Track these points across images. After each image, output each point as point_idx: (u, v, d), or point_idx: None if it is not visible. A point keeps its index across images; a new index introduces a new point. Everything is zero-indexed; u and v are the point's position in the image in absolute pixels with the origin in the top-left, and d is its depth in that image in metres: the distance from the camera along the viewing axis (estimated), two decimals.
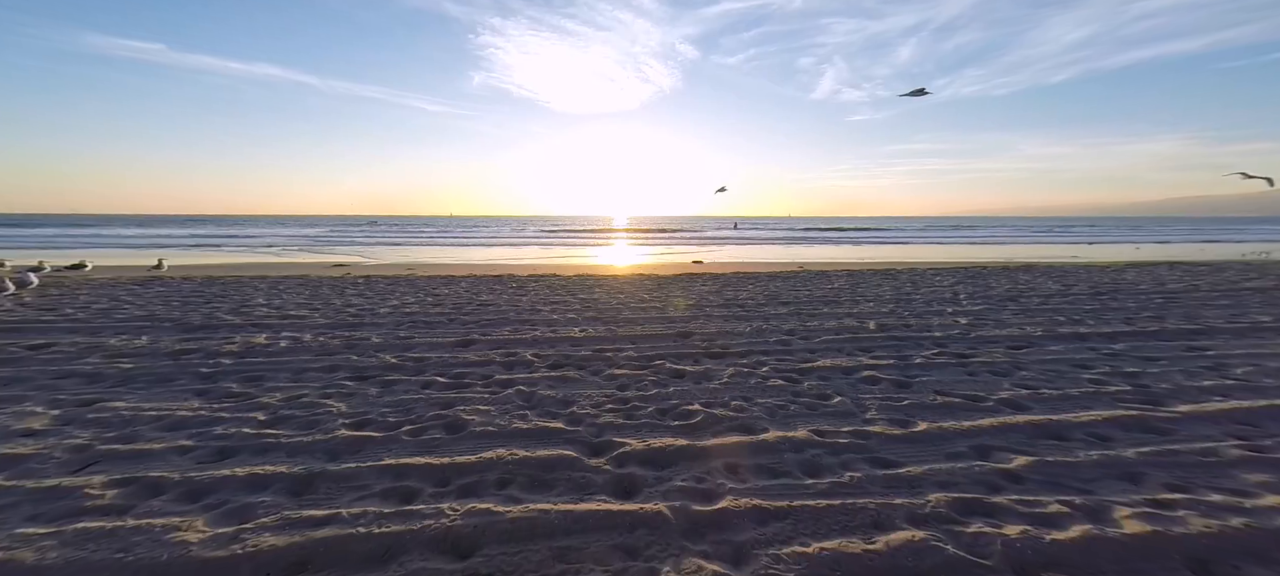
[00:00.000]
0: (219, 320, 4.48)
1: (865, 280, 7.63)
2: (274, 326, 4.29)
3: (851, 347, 3.83)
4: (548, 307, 5.25)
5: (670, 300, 5.81)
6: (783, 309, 5.31)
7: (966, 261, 12.04)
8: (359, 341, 3.86)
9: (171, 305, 5.16)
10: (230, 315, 4.69)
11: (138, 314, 4.70)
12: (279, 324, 4.38)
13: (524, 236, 31.34)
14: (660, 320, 4.75)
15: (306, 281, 7.07)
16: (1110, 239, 28.45)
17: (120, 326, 4.19)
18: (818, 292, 6.39)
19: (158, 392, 2.75)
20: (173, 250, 17.28)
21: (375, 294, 6.04)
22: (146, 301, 5.32)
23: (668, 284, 7.20)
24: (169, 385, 2.87)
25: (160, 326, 4.22)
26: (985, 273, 8.80)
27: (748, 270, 10.28)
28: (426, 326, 4.42)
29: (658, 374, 3.24)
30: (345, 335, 4.03)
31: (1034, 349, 3.79)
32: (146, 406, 2.52)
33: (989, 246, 22.32)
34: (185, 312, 4.77)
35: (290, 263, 13.22)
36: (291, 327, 4.27)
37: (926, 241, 27.08)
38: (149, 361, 3.26)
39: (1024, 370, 3.29)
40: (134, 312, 4.74)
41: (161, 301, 5.36)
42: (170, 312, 4.78)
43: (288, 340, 3.83)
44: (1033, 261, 11.91)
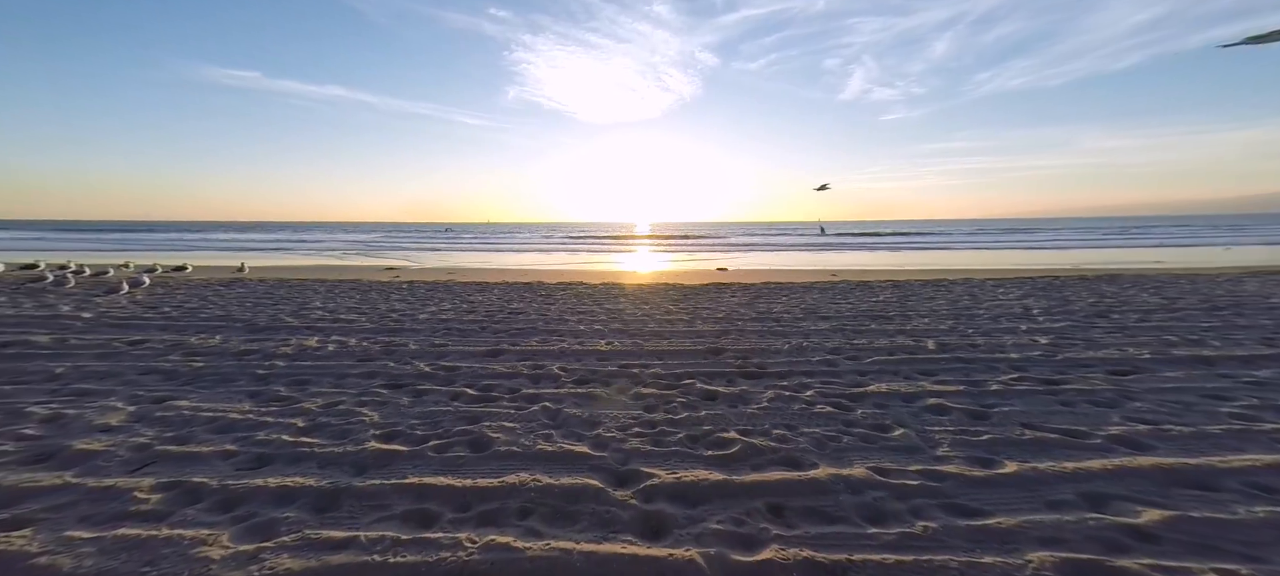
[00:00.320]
0: (280, 322, 4.84)
1: (914, 292, 6.92)
2: (325, 330, 4.55)
3: (909, 370, 3.39)
4: (574, 317, 5.19)
5: (698, 312, 5.55)
6: (823, 324, 4.88)
7: (1030, 269, 10.65)
8: (397, 347, 3.98)
9: (245, 306, 5.68)
10: (290, 317, 5.06)
11: (217, 314, 5.20)
12: (330, 327, 4.64)
13: (552, 242, 32.15)
14: (689, 334, 4.51)
15: (358, 286, 7.56)
16: (1204, 241, 24.16)
17: (201, 325, 4.64)
18: (862, 306, 5.85)
19: (219, 393, 2.94)
20: (255, 253, 19.50)
21: (416, 299, 6.31)
22: (226, 302, 5.89)
23: (695, 294, 6.93)
24: (229, 386, 3.07)
25: (232, 326, 4.63)
26: (1058, 283, 7.70)
27: (778, 279, 10.03)
28: (460, 334, 4.49)
29: (688, 394, 3.03)
30: (385, 341, 4.18)
31: (1144, 375, 3.16)
32: (205, 407, 2.69)
33: (1050, 252, 19.77)
34: (254, 314, 5.21)
35: (348, 265, 14.77)
36: (340, 332, 4.51)
37: (975, 246, 24.58)
38: (216, 361, 3.53)
39: (1136, 400, 2.73)
40: (214, 312, 5.25)
41: (237, 302, 5.92)
42: (243, 313, 5.25)
43: (335, 344, 4.03)
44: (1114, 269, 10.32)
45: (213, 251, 20.45)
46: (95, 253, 17.71)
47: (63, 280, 6.89)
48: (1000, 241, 28.39)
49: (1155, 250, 19.03)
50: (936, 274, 9.92)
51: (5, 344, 3.81)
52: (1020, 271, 10.24)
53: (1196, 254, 16.38)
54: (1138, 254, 17.50)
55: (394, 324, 4.82)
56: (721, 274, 11.75)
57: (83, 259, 11.87)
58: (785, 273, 12.52)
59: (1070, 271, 9.65)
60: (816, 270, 13.66)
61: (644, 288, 7.64)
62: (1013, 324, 4.72)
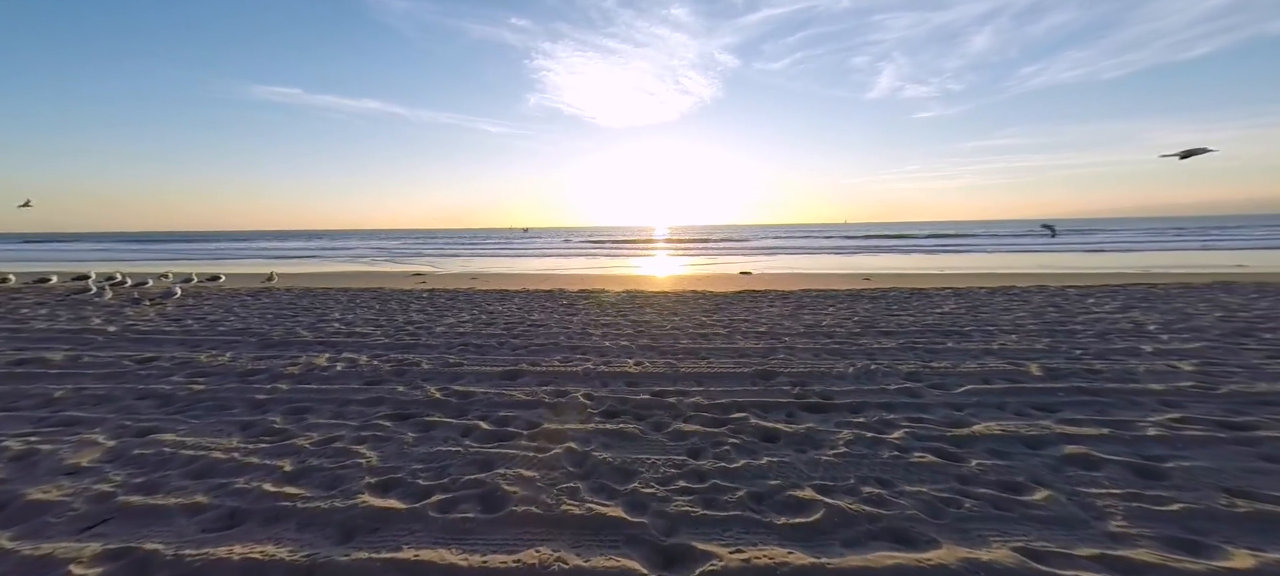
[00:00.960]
0: (295, 336, 4.63)
1: (982, 301, 6.08)
2: (338, 345, 4.29)
3: (1019, 404, 2.73)
4: (598, 331, 4.73)
5: (735, 325, 4.98)
6: (888, 341, 4.21)
7: (1102, 274, 9.38)
8: (409, 366, 3.64)
9: (265, 318, 5.56)
10: (306, 331, 4.85)
11: (236, 326, 5.07)
12: (343, 342, 4.38)
13: (573, 247, 32.12)
14: (730, 353, 3.97)
15: (380, 295, 7.42)
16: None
17: (217, 340, 4.48)
18: (926, 319, 5.11)
19: (209, 423, 2.64)
20: (292, 261, 20.34)
21: (435, 310, 6.04)
22: (248, 314, 5.81)
23: (728, 304, 6.35)
24: (222, 414, 2.78)
25: (246, 341, 4.44)
26: (1161, 292, 6.62)
27: (806, 283, 9.53)
28: (477, 351, 4.12)
29: (741, 433, 2.50)
30: (398, 359, 3.86)
31: None
32: (190, 442, 2.38)
33: (1116, 254, 17.83)
34: (271, 327, 5.05)
35: (376, 271, 15.12)
36: (352, 348, 4.23)
37: (1021, 249, 22.47)
38: (218, 383, 3.28)
39: None
40: (234, 325, 5.12)
41: (259, 314, 5.82)
42: (261, 326, 5.10)
43: (344, 363, 3.73)
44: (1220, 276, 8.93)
45: (254, 259, 21.47)
46: (150, 262, 18.88)
47: (102, 291, 7.06)
48: (1057, 244, 26.02)
49: (1237, 253, 16.71)
50: (995, 279, 8.91)
51: (21, 361, 3.72)
52: (1102, 277, 9.06)
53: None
54: (1217, 257, 15.53)
55: (410, 338, 4.52)
56: (747, 278, 11.39)
57: (137, 269, 12.50)
58: (812, 277, 12.05)
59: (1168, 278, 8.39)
60: (846, 273, 13.16)
61: (670, 296, 7.12)
62: (1131, 343, 3.91)
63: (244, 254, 25.70)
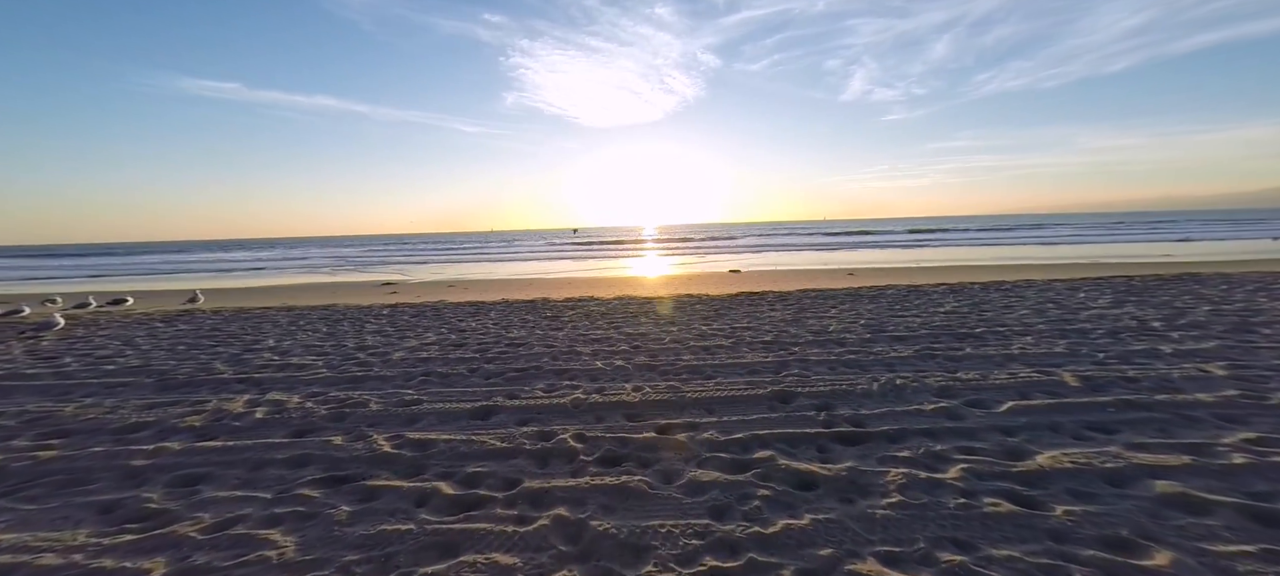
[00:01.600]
0: (209, 373, 3.79)
1: (982, 298, 5.96)
2: (263, 383, 3.51)
3: (1073, 424, 2.40)
4: (588, 349, 4.17)
5: (739, 334, 4.55)
6: (903, 348, 3.89)
7: (1085, 265, 9.73)
8: (353, 408, 2.95)
9: (175, 351, 4.61)
10: (226, 365, 4.01)
11: (131, 364, 4.12)
12: (271, 379, 3.59)
13: (557, 249, 31.23)
14: (739, 369, 3.51)
15: (329, 313, 6.51)
16: (1228, 235, 23.35)
17: (98, 385, 3.56)
18: (934, 320, 4.86)
19: (52, 509, 1.90)
20: (234, 275, 18.36)
21: (395, 330, 5.27)
22: (153, 347, 4.82)
23: (728, 309, 5.93)
24: (74, 493, 2.03)
25: (139, 384, 3.56)
26: (1142, 284, 6.76)
27: (809, 283, 9.48)
28: (441, 381, 3.46)
29: (769, 479, 2.03)
30: (341, 397, 3.15)
31: None
32: (7, 540, 1.66)
33: (1067, 247, 19.48)
34: (180, 362, 4.15)
35: (337, 282, 13.95)
36: (282, 385, 3.47)
37: (989, 242, 24.09)
38: (81, 445, 2.49)
39: None
40: (129, 363, 4.17)
41: (169, 346, 4.85)
42: (165, 362, 4.18)
43: (267, 408, 2.99)
44: (1184, 267, 9.43)
45: (185, 274, 19.28)
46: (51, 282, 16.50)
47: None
48: (1013, 237, 27.73)
49: (1174, 245, 18.54)
50: (977, 272, 9.02)
51: None
52: (1070, 269, 9.31)
53: (1231, 247, 15.71)
54: (1151, 248, 17.16)
55: (358, 370, 3.79)
56: (737, 277, 11.42)
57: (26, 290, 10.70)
58: (799, 273, 12.29)
59: (1134, 268, 8.71)
60: (831, 268, 13.65)
61: (664, 301, 6.63)
62: (1148, 343, 3.75)
63: (174, 268, 23.14)
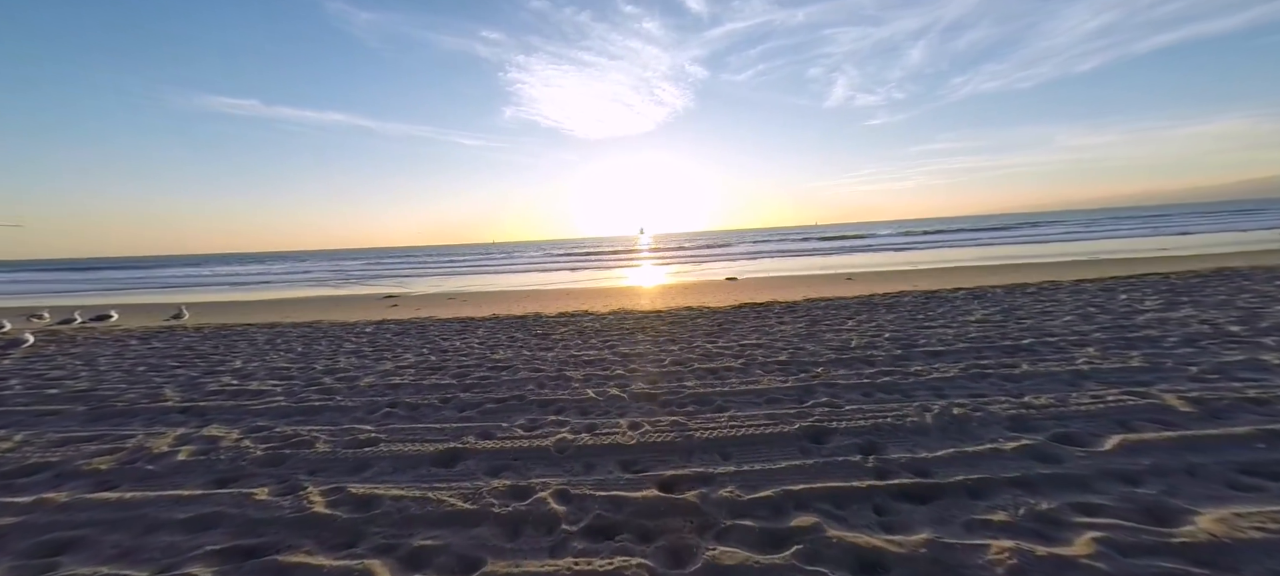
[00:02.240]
0: (154, 399, 3.36)
1: (1010, 302, 5.34)
2: (208, 413, 3.06)
3: (1218, 467, 1.85)
4: (579, 374, 3.67)
5: (749, 352, 4.02)
6: (943, 365, 3.33)
7: (1103, 261, 8.98)
8: (296, 448, 2.47)
9: (133, 373, 4.21)
10: (177, 391, 3.57)
11: (78, 388, 3.72)
12: (218, 409, 3.15)
13: (554, 260, 31.01)
14: (755, 398, 2.99)
15: (311, 331, 6.11)
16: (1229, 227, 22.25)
17: (27, 412, 3.15)
18: (968, 330, 4.28)
19: None
20: (237, 289, 18.38)
21: (373, 351, 4.82)
22: (112, 367, 4.43)
23: (732, 323, 5.40)
24: None
25: (72, 413, 3.14)
26: (1182, 282, 6.07)
27: (814, 291, 9.15)
28: (407, 414, 2.98)
29: (819, 559, 1.51)
30: (287, 432, 2.68)
31: None
32: None
33: (1063, 243, 19.54)
34: (130, 386, 3.73)
35: (338, 295, 13.99)
36: (227, 416, 3.01)
37: (982, 242, 23.68)
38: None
39: None
40: (75, 387, 3.77)
41: (127, 367, 4.45)
42: (113, 386, 3.77)
43: (197, 445, 2.53)
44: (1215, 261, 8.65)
45: (186, 289, 19.22)
46: (58, 296, 16.51)
47: None
48: (1009, 237, 27.05)
49: (1173, 238, 18.41)
50: (979, 274, 8.36)
51: None
52: (1085, 266, 8.60)
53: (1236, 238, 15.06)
54: (1156, 242, 17.01)
55: (319, 398, 3.32)
56: (735, 284, 11.36)
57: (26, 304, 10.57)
58: (797, 278, 12.24)
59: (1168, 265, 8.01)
60: (829, 273, 13.42)
61: (663, 315, 6.12)
62: (1244, 353, 3.13)
63: (182, 283, 23.21)
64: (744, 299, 8.17)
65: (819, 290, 8.81)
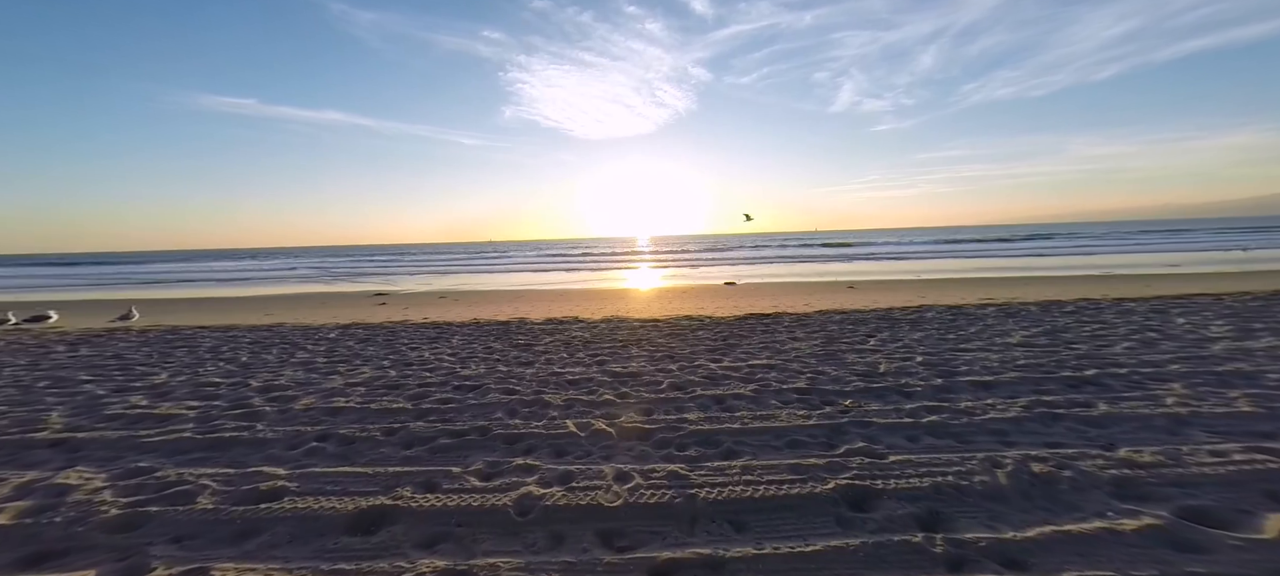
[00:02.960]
0: (32, 425, 2.73)
1: (1047, 321, 4.79)
2: (85, 448, 2.44)
3: None
4: (560, 398, 3.07)
5: (759, 375, 3.44)
6: (997, 399, 2.75)
7: (1121, 278, 8.50)
8: (168, 504, 1.86)
9: (32, 389, 3.57)
10: (65, 415, 2.94)
11: None
12: (100, 441, 2.52)
13: (550, 260, 30.49)
14: (772, 438, 2.40)
15: (266, 336, 5.48)
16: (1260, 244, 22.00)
17: None
18: (1012, 353, 3.71)
19: None
20: (223, 286, 17.82)
21: (327, 362, 4.21)
22: (11, 382, 3.79)
23: (738, 337, 4.82)
24: None
25: None
26: (1243, 305, 5.54)
27: (794, 294, 9.17)
28: (339, 449, 2.38)
29: None
30: (169, 478, 2.07)
31: None
32: None
33: (1081, 256, 19.41)
34: (10, 407, 3.09)
35: (331, 292, 13.87)
36: (107, 451, 2.39)
37: (991, 254, 23.22)
38: None
39: None
40: None
41: (31, 381, 3.80)
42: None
43: (40, 495, 1.91)
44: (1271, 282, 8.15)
45: (161, 286, 18.52)
46: (16, 293, 15.78)
47: None
48: (1024, 248, 26.68)
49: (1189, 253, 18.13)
50: (988, 287, 7.85)
51: None
52: (1105, 283, 8.11)
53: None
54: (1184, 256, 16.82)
55: (239, 423, 2.71)
56: (736, 290, 11.29)
57: None
58: (798, 285, 12.10)
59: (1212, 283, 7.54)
60: (830, 281, 13.27)
61: (660, 325, 5.54)
62: None
63: (162, 279, 22.47)
64: (747, 306, 7.62)
65: (821, 298, 8.66)
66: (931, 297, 8.21)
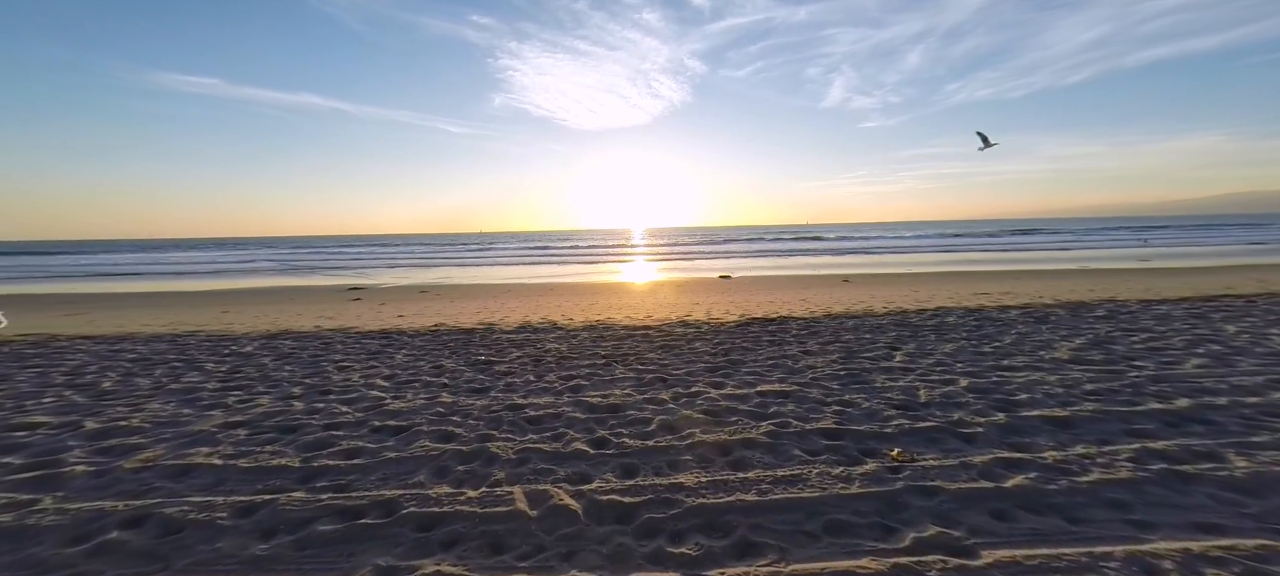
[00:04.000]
0: None
1: (1089, 329, 4.20)
2: None
3: None
4: (512, 449, 2.26)
5: (773, 402, 2.72)
6: (1090, 445, 2.08)
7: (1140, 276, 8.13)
8: None
9: None
10: None
11: None
12: None
13: (540, 253, 29.46)
14: (804, 516, 1.68)
15: (165, 350, 4.47)
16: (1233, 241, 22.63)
17: None
18: (1067, 373, 3.08)
19: None
20: (179, 278, 16.49)
21: (221, 388, 3.29)
22: None
23: (741, 347, 4.09)
24: None
25: None
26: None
27: (790, 287, 8.85)
28: (149, 544, 1.54)
29: None
30: None
31: None
32: None
33: (1070, 251, 19.76)
34: None
35: (301, 286, 13.22)
36: None
37: (982, 248, 23.53)
38: None
39: None
40: None
41: None
42: None
43: None
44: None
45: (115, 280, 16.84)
46: None
47: None
48: (1011, 243, 26.99)
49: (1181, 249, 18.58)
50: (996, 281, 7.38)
51: None
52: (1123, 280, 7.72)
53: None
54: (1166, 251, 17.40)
55: (20, 495, 1.83)
56: (730, 285, 10.79)
57: None
58: (793, 279, 11.82)
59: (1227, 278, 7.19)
60: (825, 274, 12.93)
61: (651, 333, 4.77)
62: None
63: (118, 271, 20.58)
64: (745, 304, 6.93)
65: (817, 294, 8.30)
66: (927, 292, 7.81)
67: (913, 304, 6.53)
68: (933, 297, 7.16)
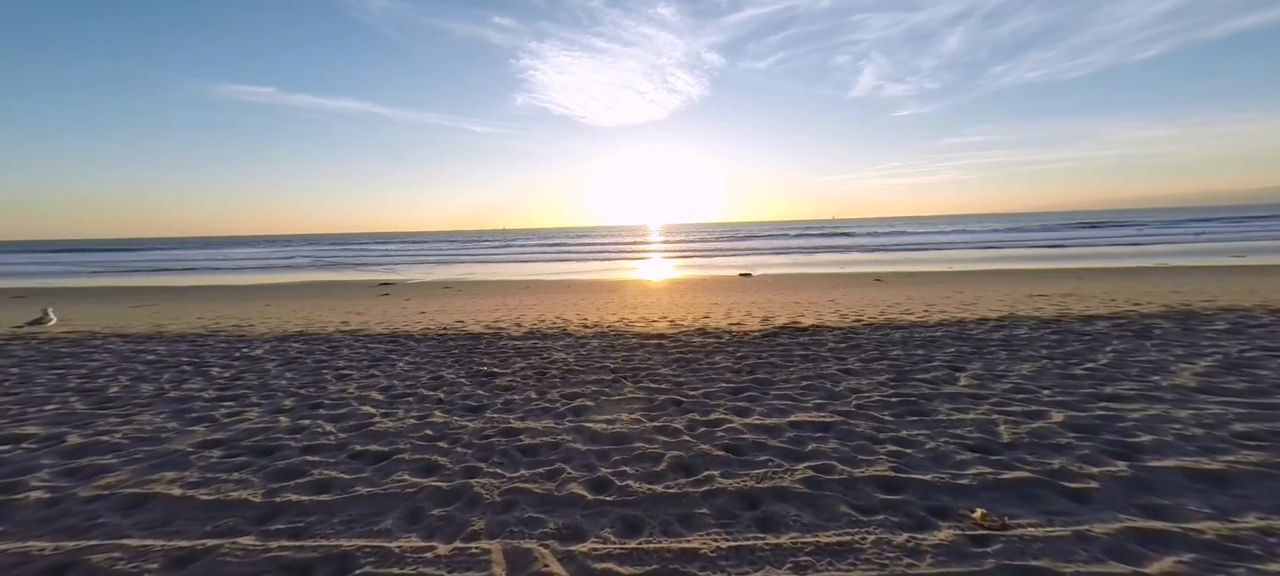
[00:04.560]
0: None
1: (1222, 347, 3.40)
2: None
3: None
4: (498, 492, 1.92)
5: (817, 449, 2.25)
6: (1268, 512, 1.50)
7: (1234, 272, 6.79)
8: None
9: None
10: None
11: None
12: None
13: (561, 250, 29.64)
14: None
15: (186, 350, 4.52)
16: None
17: None
18: (1205, 406, 2.41)
19: None
20: (219, 274, 17.90)
21: (216, 397, 3.16)
22: None
23: (768, 366, 3.60)
24: None
25: None
26: None
27: (814, 285, 8.48)
28: None
29: None
30: None
31: None
32: None
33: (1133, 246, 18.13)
34: None
35: (336, 281, 13.91)
36: None
37: (1029, 243, 21.52)
38: None
39: None
40: None
41: None
42: None
43: None
44: None
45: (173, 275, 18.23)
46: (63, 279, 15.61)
47: None
48: (1063, 237, 24.42)
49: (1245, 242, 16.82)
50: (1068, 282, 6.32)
51: None
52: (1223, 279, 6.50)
53: None
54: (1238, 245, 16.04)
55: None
56: (750, 283, 10.34)
57: None
58: (818, 278, 11.13)
59: None
60: (853, 273, 12.07)
61: (666, 342, 4.35)
62: None
63: (177, 266, 22.36)
64: (768, 306, 6.39)
65: (847, 294, 7.62)
66: (972, 293, 6.96)
67: (957, 306, 5.79)
68: (979, 299, 6.36)
